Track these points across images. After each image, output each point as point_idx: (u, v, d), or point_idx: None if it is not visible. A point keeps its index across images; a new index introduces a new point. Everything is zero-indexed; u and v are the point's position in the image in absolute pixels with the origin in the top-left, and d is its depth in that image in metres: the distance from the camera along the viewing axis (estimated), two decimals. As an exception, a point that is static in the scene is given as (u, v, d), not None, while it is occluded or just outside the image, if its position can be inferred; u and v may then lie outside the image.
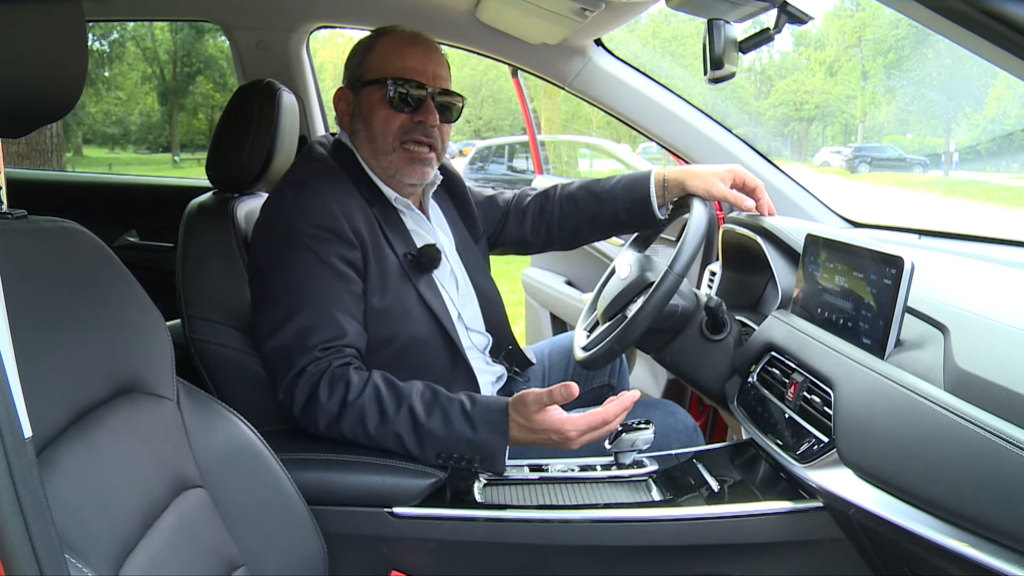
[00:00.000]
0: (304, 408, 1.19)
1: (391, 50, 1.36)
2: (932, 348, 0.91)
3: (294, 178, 1.33)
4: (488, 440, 1.16)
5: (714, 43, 1.14)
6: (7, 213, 0.81)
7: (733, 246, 1.59)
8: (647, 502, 1.18)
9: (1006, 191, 11.74)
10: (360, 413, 1.17)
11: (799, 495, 1.12)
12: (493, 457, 1.17)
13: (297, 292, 1.23)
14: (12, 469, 0.55)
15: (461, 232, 1.55)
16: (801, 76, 23.39)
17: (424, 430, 1.16)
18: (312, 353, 1.20)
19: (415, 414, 1.17)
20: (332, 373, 1.19)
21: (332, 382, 1.18)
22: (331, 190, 1.29)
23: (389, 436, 1.17)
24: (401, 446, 1.17)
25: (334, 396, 1.18)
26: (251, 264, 1.34)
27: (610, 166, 8.02)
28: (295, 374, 1.20)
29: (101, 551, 0.74)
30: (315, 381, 1.19)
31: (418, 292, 1.34)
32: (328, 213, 1.26)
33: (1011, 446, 0.73)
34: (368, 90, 1.35)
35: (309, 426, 1.20)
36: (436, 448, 1.17)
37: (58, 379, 0.79)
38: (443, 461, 1.18)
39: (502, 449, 1.17)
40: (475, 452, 1.17)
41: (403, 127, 1.34)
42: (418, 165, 1.36)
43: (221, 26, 2.16)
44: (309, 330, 1.21)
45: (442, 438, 1.16)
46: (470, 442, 1.16)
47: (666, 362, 1.41)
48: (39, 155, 5.45)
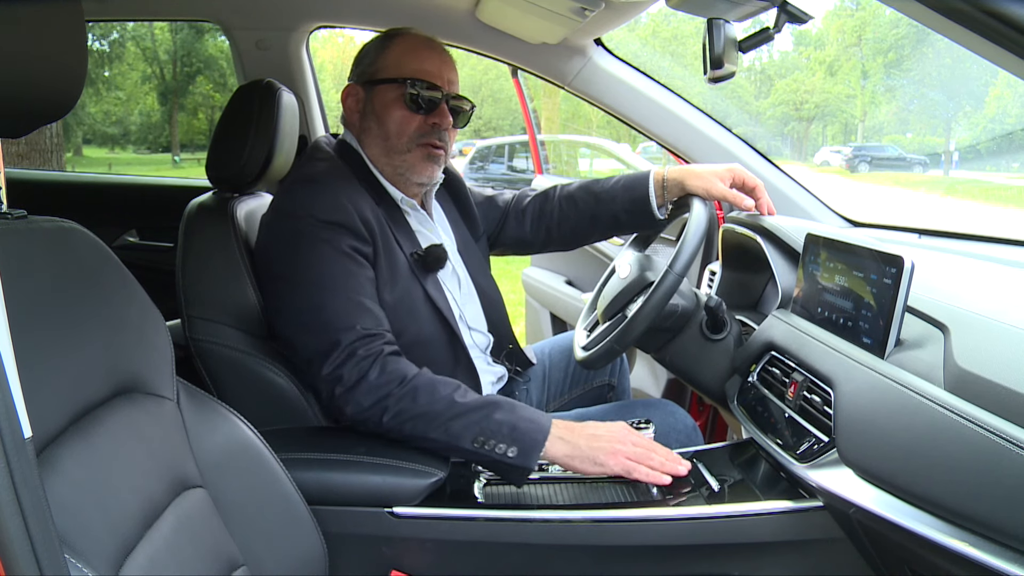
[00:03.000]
0: (353, 386, 1.18)
1: (407, 51, 1.36)
2: (932, 347, 0.91)
3: (303, 176, 1.33)
4: (529, 430, 1.14)
5: (714, 42, 1.14)
6: (7, 213, 0.81)
7: (733, 245, 1.59)
8: (647, 502, 1.18)
9: (1006, 190, 11.75)
10: (410, 394, 1.16)
11: (799, 495, 1.12)
12: (530, 449, 1.14)
13: (322, 283, 1.23)
14: (12, 469, 0.55)
15: (462, 232, 1.55)
16: (801, 75, 23.40)
17: (464, 409, 1.15)
18: (355, 332, 1.19)
19: (457, 397, 1.16)
20: (385, 358, 1.19)
21: (385, 366, 1.18)
22: (341, 187, 1.29)
23: (429, 416, 1.15)
24: (438, 427, 1.15)
25: (384, 378, 1.17)
26: (262, 265, 1.33)
27: (610, 166, 8.02)
28: (342, 354, 1.18)
29: (101, 551, 0.74)
30: (368, 363, 1.18)
31: (425, 291, 1.34)
32: (341, 209, 1.26)
33: (1011, 445, 0.73)
34: (382, 88, 1.35)
35: (350, 406, 1.18)
36: (474, 430, 1.14)
37: (58, 379, 0.78)
38: (478, 447, 1.14)
39: (540, 441, 1.14)
40: (513, 440, 1.14)
41: (419, 129, 1.35)
42: (430, 163, 1.38)
43: (221, 26, 2.15)
44: (347, 314, 1.21)
45: (483, 419, 1.14)
46: (512, 427, 1.14)
47: (666, 362, 1.41)
48: (39, 155, 5.46)
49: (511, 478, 1.17)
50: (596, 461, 1.16)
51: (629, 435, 1.19)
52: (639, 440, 1.19)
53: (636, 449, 1.17)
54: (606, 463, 1.15)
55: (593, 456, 1.16)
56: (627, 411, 1.47)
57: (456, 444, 1.15)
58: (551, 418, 1.18)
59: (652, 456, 1.17)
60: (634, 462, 1.16)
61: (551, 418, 1.18)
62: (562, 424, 1.17)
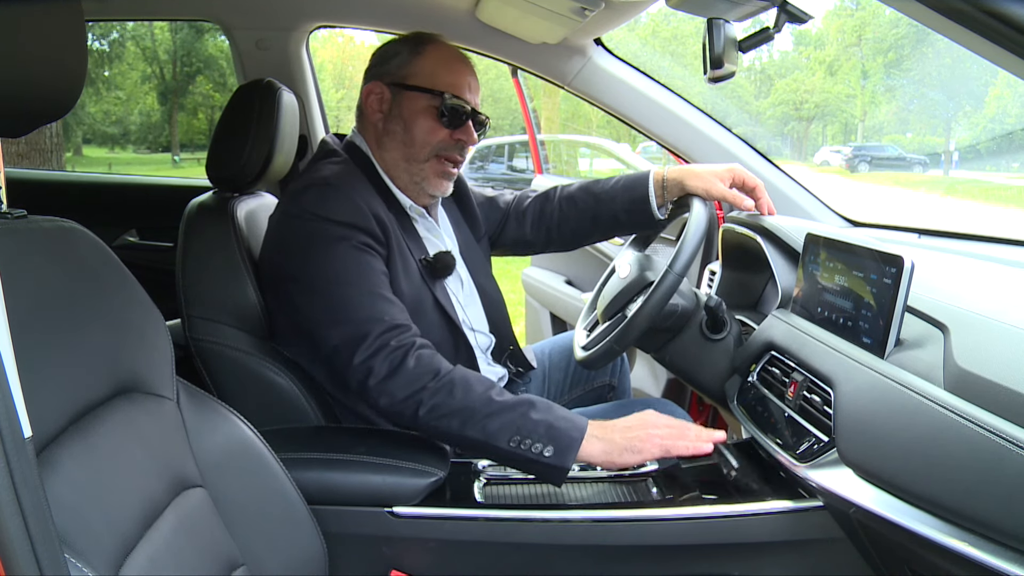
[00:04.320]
0: (387, 377, 1.17)
1: (442, 62, 1.37)
2: (932, 347, 0.91)
3: (316, 179, 1.31)
4: (565, 428, 1.14)
5: (714, 42, 1.14)
6: (7, 213, 0.81)
7: (733, 245, 1.59)
8: (647, 502, 1.18)
9: (1006, 190, 11.75)
10: (446, 388, 1.16)
11: (799, 494, 1.12)
12: (566, 449, 1.13)
13: (346, 280, 1.22)
14: (12, 469, 0.55)
15: (464, 233, 1.56)
16: (801, 75, 23.40)
17: (501, 406, 1.15)
18: (384, 322, 1.19)
19: (495, 395, 1.16)
20: (419, 350, 1.18)
21: (419, 353, 1.18)
22: (355, 190, 1.29)
23: (465, 413, 1.15)
24: (475, 424, 1.14)
25: (420, 370, 1.16)
26: (274, 266, 1.32)
27: (610, 165, 8.03)
28: (373, 344, 1.18)
29: (101, 551, 0.74)
30: (403, 353, 1.17)
31: (434, 296, 1.35)
32: (356, 211, 1.26)
33: (1011, 445, 0.73)
34: (413, 95, 1.35)
35: (383, 397, 1.17)
36: (511, 429, 1.13)
37: (58, 379, 0.78)
38: (514, 447, 1.14)
39: (577, 440, 1.13)
40: (550, 440, 1.13)
41: (443, 142, 1.36)
42: (444, 180, 1.40)
43: (221, 25, 2.16)
44: (375, 308, 1.21)
45: (520, 418, 1.14)
46: (548, 426, 1.13)
47: (666, 361, 1.41)
48: (39, 155, 5.46)
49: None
50: (634, 450, 1.15)
51: (659, 418, 1.19)
52: (670, 420, 1.19)
53: (669, 429, 1.17)
54: (644, 449, 1.15)
55: (630, 446, 1.15)
56: (627, 411, 1.46)
57: (493, 443, 1.14)
58: (586, 418, 1.18)
59: (687, 432, 1.17)
60: (671, 440, 1.15)
61: (586, 418, 1.18)
62: (596, 423, 1.17)
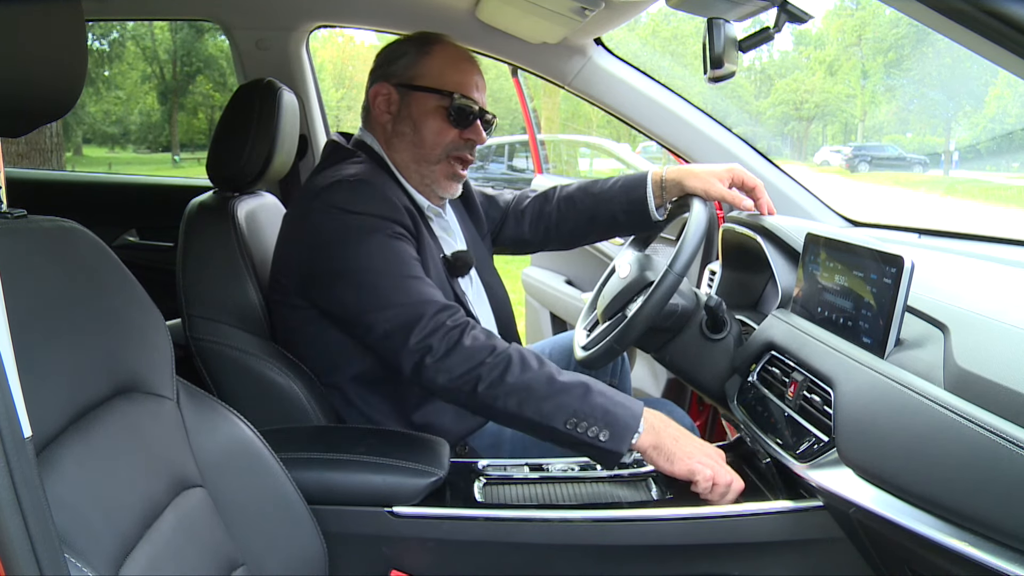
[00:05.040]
0: (445, 355, 1.16)
1: (450, 62, 1.37)
2: (932, 347, 0.91)
3: (345, 176, 1.30)
4: (623, 416, 1.13)
5: (714, 42, 1.14)
6: (7, 213, 0.81)
7: (733, 245, 1.59)
8: (647, 501, 1.18)
9: (1006, 190, 11.75)
10: (504, 365, 1.15)
11: (799, 494, 1.12)
12: (622, 435, 1.12)
13: (386, 270, 1.22)
14: (12, 469, 0.55)
15: (470, 231, 1.57)
16: (801, 75, 23.38)
17: (561, 387, 1.14)
18: (436, 303, 1.19)
19: (555, 374, 1.15)
20: (474, 328, 1.18)
21: (475, 331, 1.18)
22: (386, 185, 1.30)
23: (523, 389, 1.14)
24: (533, 404, 1.14)
25: (478, 346, 1.16)
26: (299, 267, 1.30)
27: (610, 165, 8.02)
28: (432, 324, 1.17)
29: (101, 550, 0.74)
30: (460, 332, 1.17)
31: (456, 294, 1.36)
32: (388, 204, 1.26)
33: (1011, 445, 0.73)
34: (421, 96, 1.35)
35: (443, 374, 1.17)
36: (569, 410, 1.13)
37: (58, 379, 0.78)
38: (571, 429, 1.13)
39: (633, 428, 1.13)
40: (607, 424, 1.12)
41: (453, 142, 1.37)
42: (454, 182, 1.41)
43: (221, 25, 2.16)
44: (423, 291, 1.21)
45: (578, 400, 1.13)
46: (605, 411, 1.13)
47: (666, 361, 1.41)
48: (39, 154, 5.46)
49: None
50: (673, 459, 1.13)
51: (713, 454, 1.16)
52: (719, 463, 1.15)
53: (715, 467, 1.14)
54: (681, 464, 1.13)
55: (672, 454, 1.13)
56: None
57: (548, 424, 1.14)
58: (642, 405, 1.17)
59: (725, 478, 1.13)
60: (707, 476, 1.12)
61: (642, 405, 1.17)
62: (653, 414, 1.16)
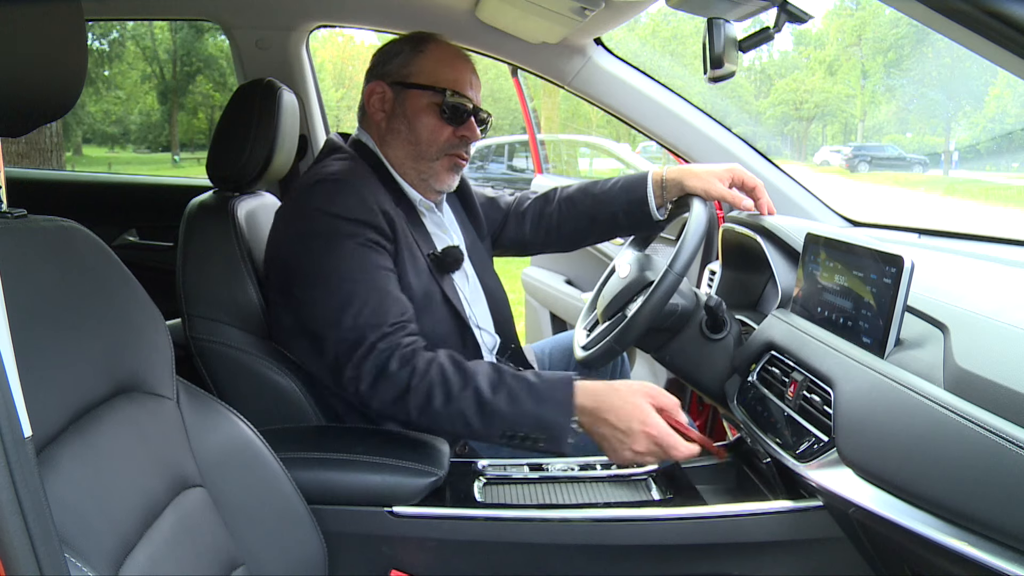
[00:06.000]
0: (373, 383, 1.18)
1: (443, 60, 1.37)
2: (932, 347, 0.91)
3: (326, 174, 1.31)
4: (554, 419, 1.14)
5: (714, 42, 1.14)
6: (7, 212, 0.81)
7: (733, 245, 1.59)
8: (647, 501, 1.18)
9: (1006, 190, 11.76)
10: (428, 391, 1.16)
11: (799, 494, 1.12)
12: (558, 437, 1.14)
13: (351, 277, 1.23)
14: (12, 469, 0.55)
15: (470, 232, 1.56)
16: (801, 75, 23.40)
17: (490, 408, 1.15)
18: (382, 329, 1.19)
19: (480, 392, 1.15)
20: (403, 352, 1.18)
21: (402, 359, 1.18)
22: (363, 185, 1.30)
23: (454, 414, 1.15)
24: (464, 425, 1.16)
25: (403, 372, 1.17)
26: (280, 263, 1.32)
27: (610, 165, 8.03)
28: (365, 349, 1.18)
29: (101, 550, 0.74)
30: (385, 357, 1.18)
31: (443, 291, 1.35)
32: (364, 207, 1.26)
33: (1011, 445, 0.73)
34: (415, 93, 1.36)
35: (375, 401, 1.19)
36: (502, 426, 1.15)
37: (58, 378, 0.78)
38: (507, 440, 1.15)
39: (567, 427, 1.14)
40: (540, 430, 1.14)
41: (448, 140, 1.37)
42: (455, 174, 1.42)
43: (221, 25, 2.16)
44: (376, 308, 1.21)
45: (508, 416, 1.14)
46: (537, 420, 1.14)
47: (666, 361, 1.41)
48: (39, 154, 5.47)
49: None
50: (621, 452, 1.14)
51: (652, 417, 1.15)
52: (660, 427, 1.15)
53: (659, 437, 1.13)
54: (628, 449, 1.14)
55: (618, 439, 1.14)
56: None
57: (486, 437, 1.18)
58: (573, 395, 1.15)
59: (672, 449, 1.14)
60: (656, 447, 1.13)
61: (573, 395, 1.15)
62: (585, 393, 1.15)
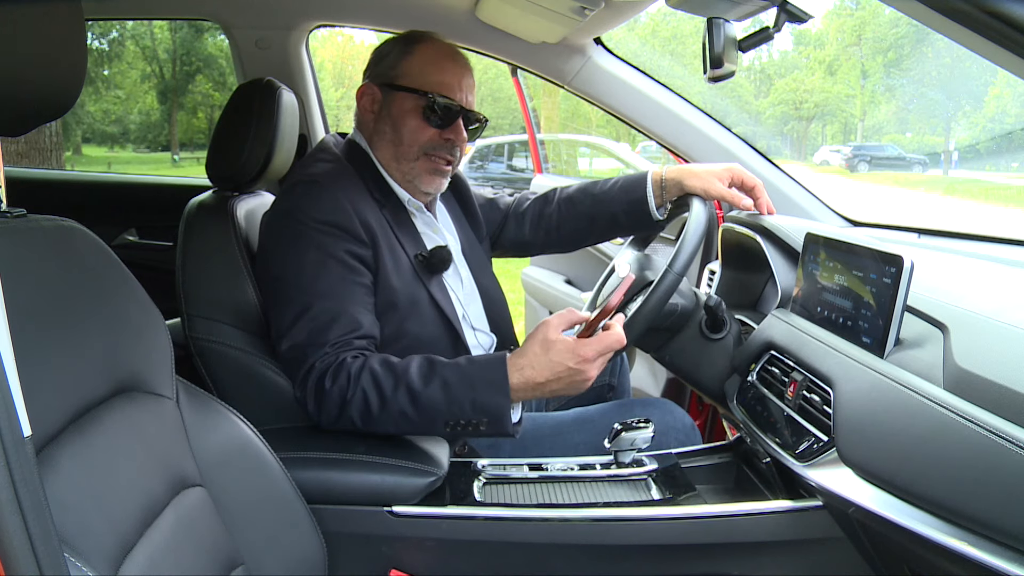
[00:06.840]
0: (315, 403, 1.19)
1: (430, 61, 1.37)
2: (932, 347, 0.91)
3: (304, 176, 1.32)
4: (490, 401, 1.13)
5: (714, 42, 1.14)
6: (6, 212, 0.81)
7: (733, 245, 1.59)
8: (647, 501, 1.18)
9: (1005, 190, 11.76)
10: (363, 398, 1.16)
11: (799, 494, 1.12)
12: (500, 418, 1.13)
13: (309, 289, 1.23)
14: (12, 468, 0.55)
15: (467, 233, 1.56)
16: (801, 75, 23.40)
17: (424, 402, 1.14)
18: (323, 349, 1.20)
19: (412, 388, 1.14)
20: (333, 368, 1.18)
21: (333, 375, 1.18)
22: (342, 188, 1.29)
23: (393, 415, 1.15)
24: (407, 423, 1.16)
25: (336, 386, 1.17)
26: (260, 264, 1.33)
27: (610, 165, 8.03)
28: (306, 370, 1.20)
29: (101, 550, 0.74)
30: (319, 376, 1.18)
31: (429, 292, 1.35)
32: (339, 210, 1.26)
33: (1011, 445, 0.73)
34: (401, 95, 1.36)
35: (323, 419, 1.20)
36: (441, 418, 1.14)
37: (57, 378, 0.78)
38: (451, 430, 1.15)
39: (506, 408, 1.13)
40: (480, 414, 1.13)
41: (431, 141, 1.36)
42: (437, 177, 1.40)
43: (220, 25, 2.16)
44: (323, 326, 1.21)
45: (444, 406, 1.14)
46: (473, 404, 1.13)
47: (665, 361, 1.41)
48: (38, 154, 5.47)
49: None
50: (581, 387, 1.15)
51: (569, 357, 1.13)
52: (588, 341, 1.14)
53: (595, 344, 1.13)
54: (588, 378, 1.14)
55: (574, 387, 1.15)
56: (626, 410, 1.47)
57: (432, 432, 1.19)
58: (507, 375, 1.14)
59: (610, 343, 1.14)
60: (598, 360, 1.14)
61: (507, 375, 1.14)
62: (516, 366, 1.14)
